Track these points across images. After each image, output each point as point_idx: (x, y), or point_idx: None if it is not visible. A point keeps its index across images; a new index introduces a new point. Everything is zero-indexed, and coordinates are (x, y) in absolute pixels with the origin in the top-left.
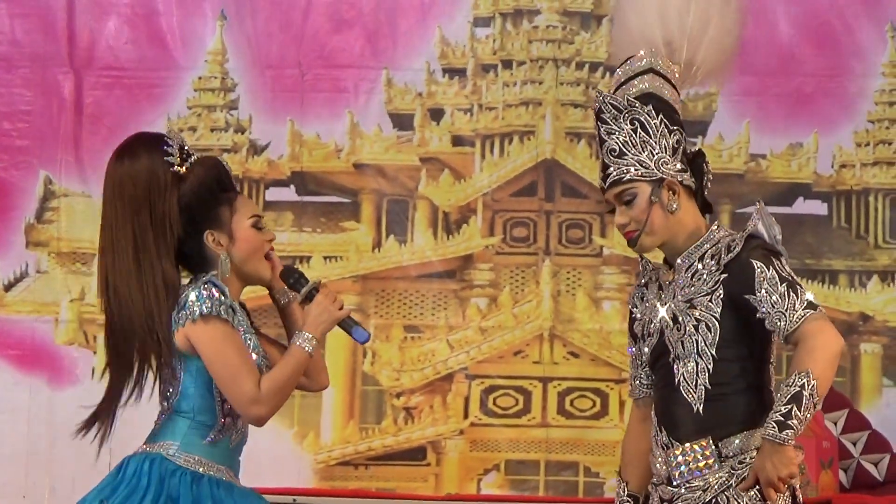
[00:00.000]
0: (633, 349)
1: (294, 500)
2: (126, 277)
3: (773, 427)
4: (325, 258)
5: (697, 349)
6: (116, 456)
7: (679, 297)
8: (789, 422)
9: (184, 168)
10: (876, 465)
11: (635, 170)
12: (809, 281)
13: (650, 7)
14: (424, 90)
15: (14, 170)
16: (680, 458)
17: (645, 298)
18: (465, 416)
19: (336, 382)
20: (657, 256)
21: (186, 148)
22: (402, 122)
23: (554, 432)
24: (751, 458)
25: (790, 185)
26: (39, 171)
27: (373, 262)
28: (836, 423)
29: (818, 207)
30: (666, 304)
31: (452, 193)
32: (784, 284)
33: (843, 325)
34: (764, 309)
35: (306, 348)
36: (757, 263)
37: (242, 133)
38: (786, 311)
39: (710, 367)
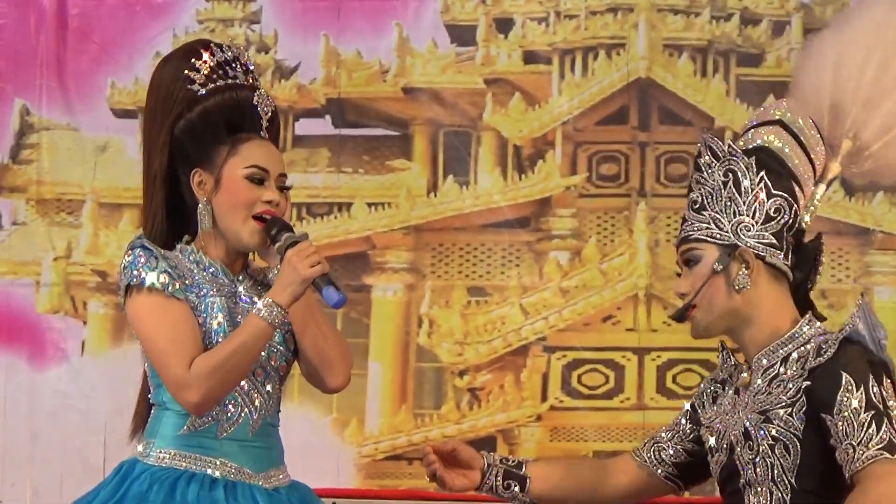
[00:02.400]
0: (681, 417)
1: (333, 502)
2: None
3: None
4: (368, 205)
5: (772, 475)
6: (111, 451)
7: (752, 406)
8: None
9: (204, 89)
10: None
11: (707, 227)
12: None
13: (827, 61)
14: None
15: None
16: None
17: (718, 401)
18: (544, 397)
19: (384, 358)
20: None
21: (234, 66)
22: (462, 35)
23: (653, 416)
24: None
25: None
26: (14, 100)
27: (428, 209)
28: None
29: None
30: (739, 414)
31: (525, 122)
32: (870, 413)
33: None
34: (836, 436)
35: (263, 315)
36: (846, 378)
37: (266, 52)
38: (858, 444)
39: (788, 498)
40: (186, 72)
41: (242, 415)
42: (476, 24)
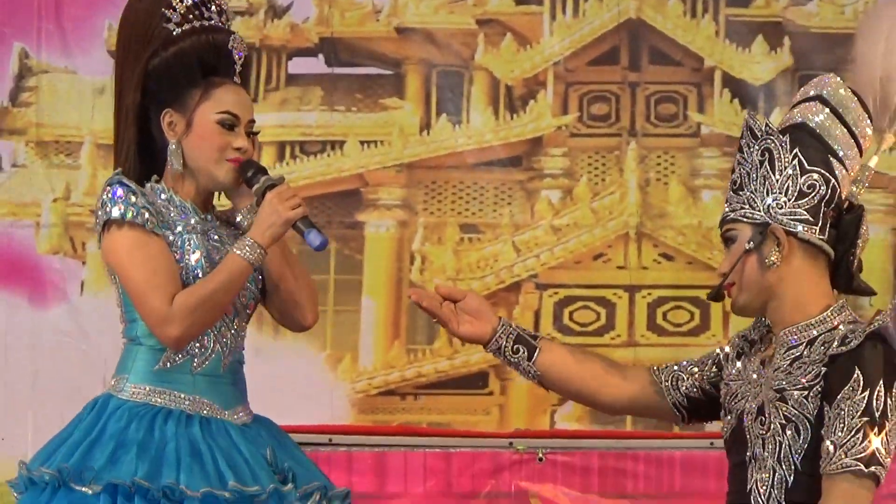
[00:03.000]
0: (710, 358)
1: (330, 439)
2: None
3: None
4: (361, 143)
5: (779, 455)
6: None
7: (770, 383)
8: None
9: (180, 29)
10: None
11: (742, 208)
12: None
13: (881, 32)
14: None
15: None
16: None
17: (742, 362)
18: None
19: (378, 294)
20: None
21: (209, 7)
22: None
23: (643, 352)
24: None
25: None
26: (13, 43)
27: (420, 147)
28: None
29: None
30: (759, 386)
31: (516, 63)
32: (864, 419)
33: None
34: (826, 428)
35: (243, 255)
36: (857, 374)
37: None
38: (840, 446)
39: (790, 479)
40: (163, 9)
41: (215, 351)
42: None
